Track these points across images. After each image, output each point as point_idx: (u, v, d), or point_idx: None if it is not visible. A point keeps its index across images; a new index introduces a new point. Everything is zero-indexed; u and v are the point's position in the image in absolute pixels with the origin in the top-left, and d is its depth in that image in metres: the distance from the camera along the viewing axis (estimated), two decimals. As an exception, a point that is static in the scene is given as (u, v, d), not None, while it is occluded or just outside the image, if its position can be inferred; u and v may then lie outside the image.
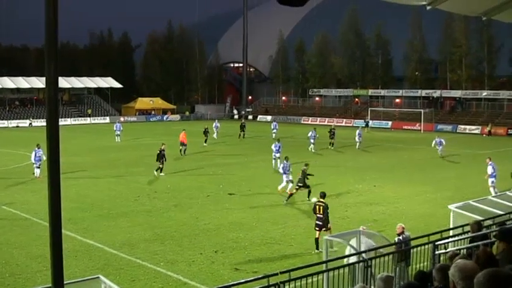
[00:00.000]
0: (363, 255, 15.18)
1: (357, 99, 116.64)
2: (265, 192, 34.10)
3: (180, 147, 53.53)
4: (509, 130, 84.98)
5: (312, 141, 57.21)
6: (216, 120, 76.45)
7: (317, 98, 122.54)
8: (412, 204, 30.74)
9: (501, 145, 65.91)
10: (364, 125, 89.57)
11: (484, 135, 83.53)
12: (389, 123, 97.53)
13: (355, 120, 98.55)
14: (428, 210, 29.08)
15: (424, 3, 18.27)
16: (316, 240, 22.02)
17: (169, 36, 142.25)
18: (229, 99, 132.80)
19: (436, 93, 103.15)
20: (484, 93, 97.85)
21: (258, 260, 20.79)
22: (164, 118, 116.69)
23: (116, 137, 67.93)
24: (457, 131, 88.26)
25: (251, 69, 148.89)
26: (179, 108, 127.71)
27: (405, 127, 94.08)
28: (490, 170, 34.03)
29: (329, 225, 22.44)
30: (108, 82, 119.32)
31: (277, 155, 45.10)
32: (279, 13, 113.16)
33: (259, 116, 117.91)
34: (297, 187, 31.51)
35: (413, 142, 68.89)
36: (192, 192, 34.03)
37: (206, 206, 30.27)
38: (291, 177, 33.36)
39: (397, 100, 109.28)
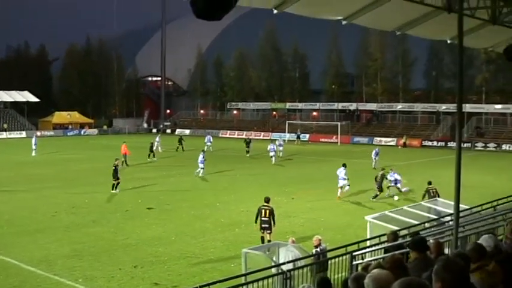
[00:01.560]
0: (282, 267, 15.24)
1: (274, 113, 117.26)
2: (184, 206, 33.89)
3: (123, 159, 53.83)
4: (423, 142, 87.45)
5: (272, 153, 57.66)
6: (158, 135, 75.98)
7: (235, 112, 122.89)
8: (330, 216, 31.07)
9: (416, 156, 67.58)
10: (295, 137, 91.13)
11: (399, 146, 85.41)
12: (307, 136, 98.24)
13: (273, 134, 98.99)
14: (346, 221, 29.45)
15: (340, 18, 18.62)
16: (262, 238, 23.98)
17: (87, 49, 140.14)
18: (146, 113, 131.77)
19: (353, 106, 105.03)
20: (399, 106, 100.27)
21: (177, 274, 20.61)
22: (82, 132, 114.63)
23: (33, 151, 66.49)
24: (373, 143, 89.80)
25: (169, 83, 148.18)
26: (97, 122, 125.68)
27: (322, 140, 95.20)
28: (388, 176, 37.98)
29: (273, 229, 24.06)
30: (25, 96, 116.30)
31: (202, 165, 46.95)
32: (198, 27, 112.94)
33: (177, 130, 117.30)
34: None
35: (331, 154, 69.72)
36: (110, 207, 33.53)
37: (125, 220, 29.85)
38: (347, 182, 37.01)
39: (315, 113, 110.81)
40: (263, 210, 24.24)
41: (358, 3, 17.57)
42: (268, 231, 24.07)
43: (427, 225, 21.39)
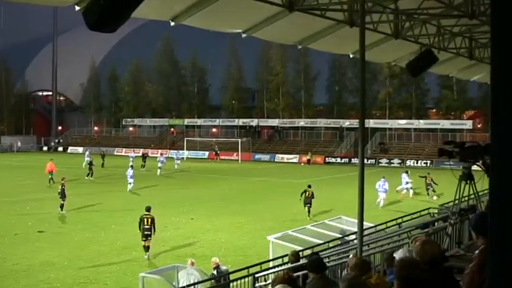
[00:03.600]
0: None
1: (172, 129, 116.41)
2: (78, 228, 33.19)
3: (50, 177, 53.88)
4: (326, 158, 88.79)
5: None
6: (87, 153, 75.79)
7: (131, 128, 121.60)
8: (231, 236, 31.11)
9: (319, 173, 68.43)
10: (214, 153, 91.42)
11: (303, 163, 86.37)
12: (207, 153, 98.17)
13: (172, 151, 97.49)
14: (247, 242, 29.55)
15: (239, 31, 18.76)
16: (144, 247, 26.16)
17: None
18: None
19: (254, 122, 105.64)
20: (302, 122, 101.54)
21: (69, 302, 20.17)
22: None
23: None
24: (275, 160, 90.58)
25: (61, 98, 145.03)
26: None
27: (223, 157, 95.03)
28: (376, 185, 42.50)
29: (153, 236, 26.30)
30: None
31: (131, 180, 50.32)
32: (91, 39, 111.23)
33: (69, 148, 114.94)
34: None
35: (232, 172, 69.86)
36: (-3, 231, 32.44)
37: (14, 245, 28.93)
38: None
39: (214, 130, 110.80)
40: (145, 219, 26.46)
41: (258, 16, 17.73)
42: (149, 238, 26.32)
43: (331, 244, 21.71)
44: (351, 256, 9.17)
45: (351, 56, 23.61)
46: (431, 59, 21.37)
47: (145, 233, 26.22)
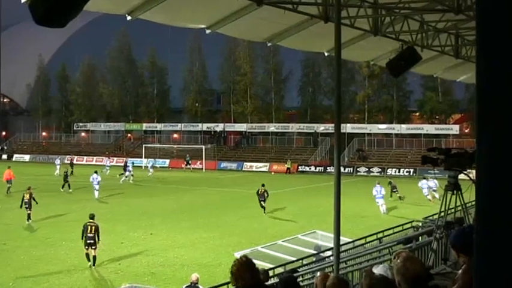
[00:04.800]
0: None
1: (129, 135, 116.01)
2: (25, 245, 32.75)
3: (8, 186, 55.15)
4: (299, 167, 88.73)
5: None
6: (58, 161, 79.63)
7: (83, 134, 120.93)
8: (195, 253, 30.96)
9: (291, 183, 68.39)
10: (186, 162, 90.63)
11: (273, 172, 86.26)
12: (167, 161, 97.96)
13: (130, 159, 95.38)
14: (212, 259, 29.41)
15: (202, 26, 18.71)
16: (87, 255, 27.27)
17: None
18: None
19: (219, 127, 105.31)
20: (272, 127, 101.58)
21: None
22: None
23: None
24: (243, 169, 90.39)
25: (5, 100, 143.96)
26: None
27: (185, 166, 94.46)
28: (374, 192, 44.71)
29: (98, 245, 27.45)
30: None
31: (97, 186, 53.32)
32: (39, 35, 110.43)
33: (15, 155, 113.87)
34: None
35: (195, 182, 69.64)
36: None
37: None
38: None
39: (176, 135, 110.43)
40: (89, 227, 27.57)
41: (223, 10, 17.69)
42: (94, 247, 27.34)
43: (305, 261, 21.71)
44: (318, 274, 9.07)
45: (326, 54, 23.65)
46: (414, 58, 21.44)
47: (88, 241, 27.28)
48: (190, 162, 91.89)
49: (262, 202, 44.20)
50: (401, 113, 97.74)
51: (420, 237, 20.13)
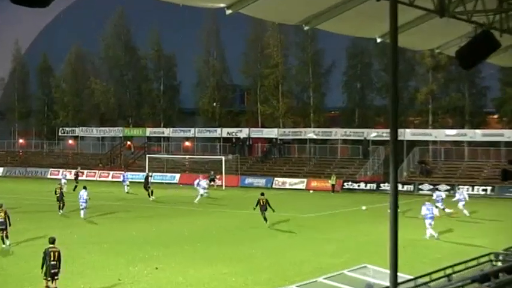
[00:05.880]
0: None
1: (129, 143, 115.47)
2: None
3: None
4: (344, 183, 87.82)
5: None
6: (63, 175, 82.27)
7: (71, 141, 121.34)
8: (212, 293, 30.98)
9: (335, 204, 68.08)
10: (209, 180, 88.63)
11: (312, 190, 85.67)
12: (177, 176, 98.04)
13: (127, 173, 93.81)
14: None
15: (221, 5, 18.75)
16: None
17: None
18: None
19: (242, 132, 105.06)
20: (310, 133, 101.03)
21: None
22: None
23: None
24: (273, 185, 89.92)
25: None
26: None
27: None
28: (423, 210, 45.14)
29: (59, 274, 27.49)
30: None
31: (85, 204, 55.50)
32: (16, 18, 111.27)
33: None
34: None
35: (212, 203, 69.58)
36: None
37: None
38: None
39: (187, 143, 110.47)
40: (51, 253, 27.26)
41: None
42: (57, 278, 27.42)
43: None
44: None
45: (379, 40, 23.54)
46: (491, 45, 21.26)
47: (52, 271, 27.23)
48: (215, 179, 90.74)
49: (265, 213, 50.12)
50: (475, 115, 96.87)
51: (500, 274, 20.03)
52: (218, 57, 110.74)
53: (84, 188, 56.55)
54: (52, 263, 27.08)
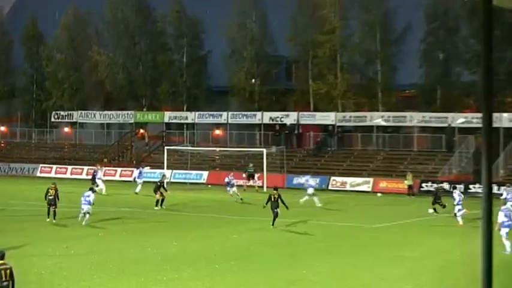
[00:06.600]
0: None
1: (142, 131, 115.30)
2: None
3: None
4: (422, 184, 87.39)
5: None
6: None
7: (67, 129, 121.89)
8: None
9: (412, 211, 67.99)
10: (247, 175, 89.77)
11: (379, 194, 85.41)
12: (205, 174, 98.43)
13: (146, 168, 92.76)
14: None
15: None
16: None
17: None
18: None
19: (289, 117, 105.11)
20: (378, 119, 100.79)
21: None
22: None
23: None
24: (329, 186, 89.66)
25: None
26: None
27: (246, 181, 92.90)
28: (501, 217, 44.13)
29: None
30: None
31: (87, 208, 56.65)
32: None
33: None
34: None
35: (250, 210, 69.87)
36: None
37: None
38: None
39: (218, 131, 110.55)
40: (2, 272, 27.56)
41: None
42: None
43: None
44: None
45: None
46: None
47: None
48: (254, 175, 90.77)
49: (276, 210, 55.53)
50: None
51: None
52: (258, 21, 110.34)
53: (92, 190, 57.72)
54: (4, 284, 27.34)
